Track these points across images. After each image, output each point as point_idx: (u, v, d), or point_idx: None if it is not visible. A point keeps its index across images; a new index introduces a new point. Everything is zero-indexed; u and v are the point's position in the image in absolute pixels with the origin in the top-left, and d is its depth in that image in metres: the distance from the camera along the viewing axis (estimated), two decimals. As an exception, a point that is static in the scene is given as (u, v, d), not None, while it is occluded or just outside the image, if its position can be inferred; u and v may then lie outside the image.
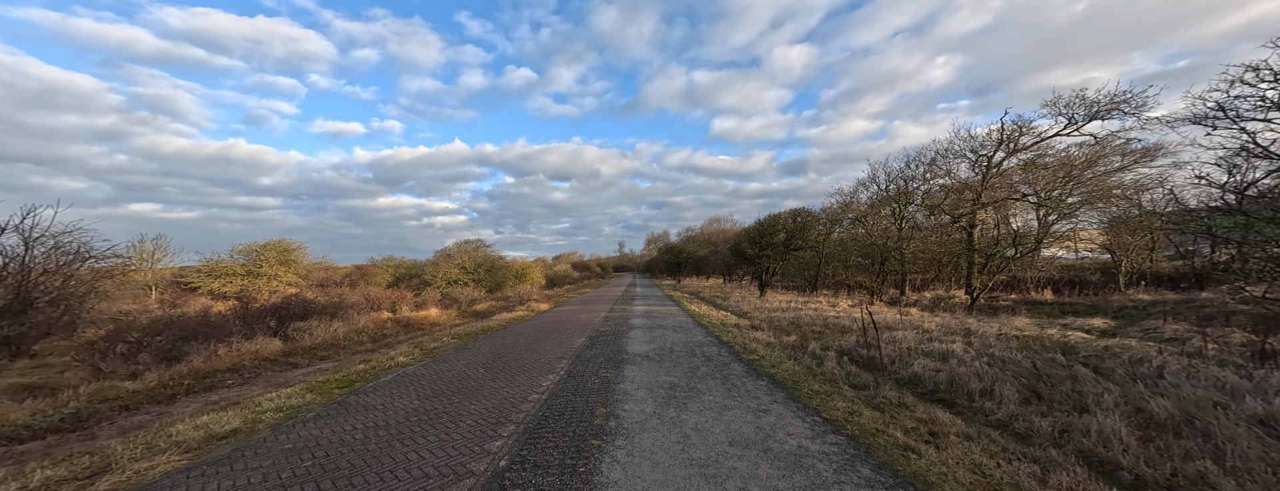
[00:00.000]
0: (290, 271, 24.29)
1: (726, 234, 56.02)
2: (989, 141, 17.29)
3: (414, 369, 7.49)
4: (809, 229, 21.87)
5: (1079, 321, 10.94)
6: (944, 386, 5.73)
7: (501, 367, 7.30)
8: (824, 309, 16.54)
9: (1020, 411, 4.76)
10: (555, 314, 16.98)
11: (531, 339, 10.47)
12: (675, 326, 12.11)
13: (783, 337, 10.01)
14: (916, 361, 6.84)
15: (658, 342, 9.43)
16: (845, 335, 10.07)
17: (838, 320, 12.82)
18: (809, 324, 12.37)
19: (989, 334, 9.44)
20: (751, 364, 7.09)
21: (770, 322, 12.88)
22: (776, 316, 14.46)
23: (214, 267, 21.73)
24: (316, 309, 14.20)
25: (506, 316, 16.82)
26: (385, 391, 6.09)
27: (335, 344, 12.22)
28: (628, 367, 7.04)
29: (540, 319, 15.32)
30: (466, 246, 30.91)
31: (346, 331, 13.39)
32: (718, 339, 9.83)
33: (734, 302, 21.09)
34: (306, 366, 9.84)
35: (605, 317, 14.79)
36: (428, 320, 17.87)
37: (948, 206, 17.54)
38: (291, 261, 24.46)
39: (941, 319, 12.25)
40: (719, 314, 16.03)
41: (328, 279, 27.72)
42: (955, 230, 17.89)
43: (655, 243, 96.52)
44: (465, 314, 21.55)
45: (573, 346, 9.22)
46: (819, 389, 5.53)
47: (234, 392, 7.74)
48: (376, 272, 28.91)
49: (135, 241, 27.67)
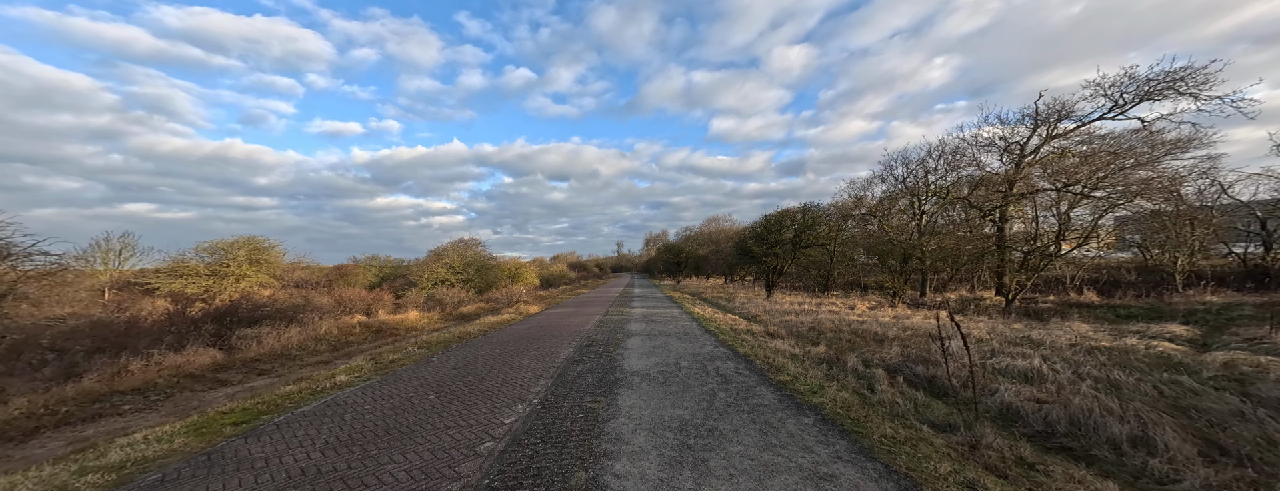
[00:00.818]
0: (262, 271, 22.56)
1: (727, 232, 54.45)
2: (1021, 127, 15.73)
3: (349, 393, 5.84)
4: (819, 225, 20.31)
5: (1151, 328, 9.36)
6: (1062, 427, 4.10)
7: (460, 392, 5.66)
8: (843, 312, 14.93)
9: (1214, 478, 3.14)
10: (544, 317, 15.34)
11: (510, 349, 8.82)
12: (679, 333, 10.48)
13: (808, 348, 8.39)
14: (1000, 385, 5.21)
15: (659, 355, 7.79)
16: (883, 346, 8.45)
17: (864, 325, 11.21)
18: (832, 330, 10.76)
19: (1060, 344, 7.83)
20: (784, 388, 5.46)
21: (788, 328, 11.26)
22: (792, 321, 12.84)
23: (176, 267, 20.00)
24: (270, 313, 12.52)
25: (491, 320, 15.18)
26: (290, 432, 4.44)
27: (285, 354, 10.55)
28: (622, 393, 5.41)
29: (527, 323, 13.68)
30: (457, 245, 29.24)
31: (304, 338, 11.72)
32: (732, 350, 8.20)
33: (740, 304, 19.47)
34: (237, 384, 8.18)
35: (599, 322, 13.16)
36: (404, 324, 16.21)
37: (975, 199, 15.98)
38: (263, 260, 22.73)
39: (986, 324, 10.65)
40: (726, 317, 14.41)
41: (306, 279, 25.99)
42: (984, 225, 16.35)
43: (654, 242, 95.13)
44: (449, 317, 19.88)
45: (557, 360, 7.59)
46: (893, 433, 3.90)
47: (120, 424, 6.09)
48: (358, 272, 27.21)
49: (100, 239, 25.96)
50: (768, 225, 21.15)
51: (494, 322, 14.34)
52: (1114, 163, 14.20)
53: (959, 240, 16.24)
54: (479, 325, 13.61)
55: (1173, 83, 13.10)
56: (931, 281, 19.49)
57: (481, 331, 12.03)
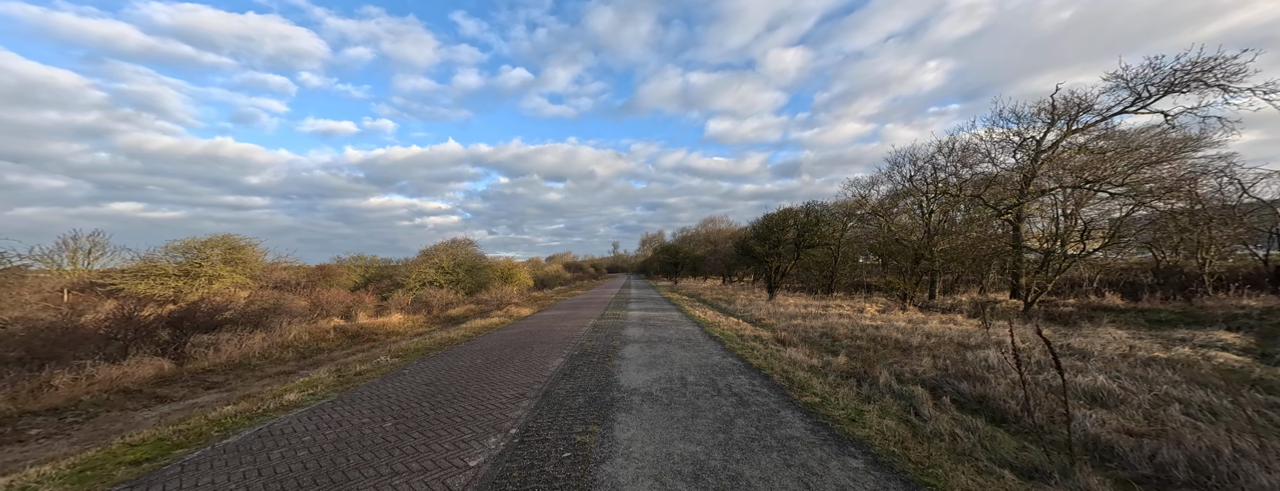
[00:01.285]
0: (238, 271, 21.40)
1: (724, 233, 53.68)
2: (1037, 120, 14.99)
3: (293, 418, 4.87)
4: (822, 224, 19.50)
5: (1198, 335, 8.57)
6: (1181, 472, 3.22)
7: (424, 418, 4.71)
8: (852, 315, 14.08)
9: None
10: (536, 321, 14.38)
11: (494, 359, 7.87)
12: (681, 340, 9.56)
13: (827, 358, 7.51)
14: (1076, 412, 4.35)
15: (661, 367, 6.87)
16: (910, 356, 7.58)
17: (881, 331, 10.35)
18: (848, 336, 9.89)
19: (1108, 354, 7.00)
20: (814, 413, 4.56)
21: (799, 335, 10.38)
22: (801, 325, 11.96)
23: (143, 267, 18.81)
24: (233, 317, 11.46)
25: (479, 324, 14.20)
26: (195, 478, 3.48)
27: (245, 364, 9.53)
28: (619, 420, 4.49)
29: (516, 327, 12.72)
30: (448, 245, 28.19)
31: (268, 345, 10.69)
32: (742, 360, 7.30)
33: (742, 307, 18.60)
34: (178, 401, 7.16)
35: (594, 327, 12.23)
36: (385, 329, 15.18)
37: (989, 197, 15.22)
38: (240, 260, 21.56)
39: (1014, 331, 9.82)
40: (730, 321, 13.52)
41: (288, 280, 24.82)
42: (998, 224, 15.61)
43: (650, 243, 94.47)
44: (435, 320, 18.86)
45: (544, 374, 6.65)
46: (969, 483, 3.01)
47: (12, 455, 5.08)
48: (342, 273, 26.07)
49: (67, 238, 24.67)
50: (769, 224, 20.33)
51: (481, 327, 13.37)
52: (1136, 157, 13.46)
53: (971, 240, 15.49)
54: (464, 330, 12.64)
55: (1201, 73, 12.41)
56: (939, 283, 18.73)
57: (465, 337, 11.06)
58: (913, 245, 14.68)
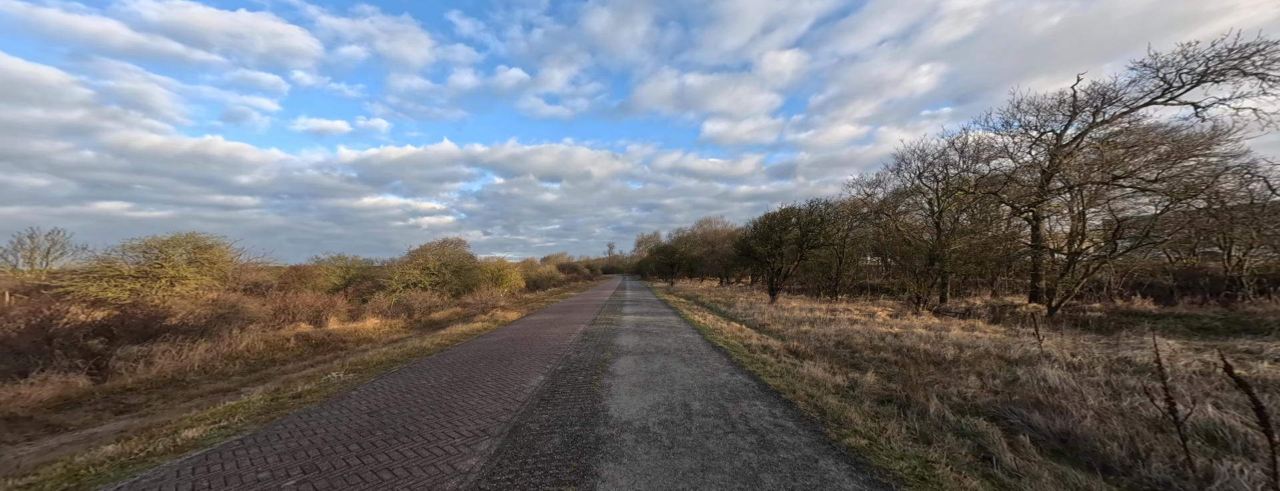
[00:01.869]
0: (204, 272, 19.99)
1: (721, 233, 52.72)
2: (1058, 113, 14.07)
3: (173, 469, 3.69)
4: (826, 223, 18.53)
5: (1265, 347, 7.60)
6: None
7: (341, 472, 3.54)
8: (864, 321, 13.04)
9: None
10: (522, 326, 13.21)
11: (463, 375, 6.70)
12: (681, 351, 8.44)
13: (852, 375, 6.42)
14: (1200, 458, 3.28)
15: (660, 389, 5.74)
16: (949, 373, 6.51)
17: (901, 340, 9.31)
18: (867, 347, 8.82)
19: (1179, 371, 5.97)
20: (864, 463, 3.45)
21: (813, 344, 9.29)
22: (812, 333, 10.89)
23: (95, 268, 17.37)
24: (175, 326, 10.20)
25: (460, 330, 13.01)
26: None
27: (178, 380, 8.28)
28: (606, 471, 3.35)
29: (499, 334, 11.54)
30: (437, 245, 26.89)
31: (213, 357, 9.43)
32: (755, 379, 6.19)
33: (743, 310, 17.53)
34: (74, 430, 5.92)
35: (584, 334, 11.09)
36: (356, 335, 13.94)
37: (1007, 195, 14.28)
38: (207, 261, 20.15)
39: (1055, 340, 8.81)
40: (732, 327, 12.42)
41: (263, 282, 23.41)
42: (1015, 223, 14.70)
43: (646, 244, 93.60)
44: (415, 325, 17.63)
45: (518, 398, 5.50)
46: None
47: None
48: (318, 274, 24.70)
49: (24, 236, 23.14)
50: (771, 223, 19.31)
51: (461, 334, 12.19)
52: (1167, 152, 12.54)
53: (986, 240, 14.53)
54: (441, 337, 11.44)
55: (1239, 60, 11.52)
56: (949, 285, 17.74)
57: (440, 346, 9.87)
58: (926, 245, 13.70)
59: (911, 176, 18.56)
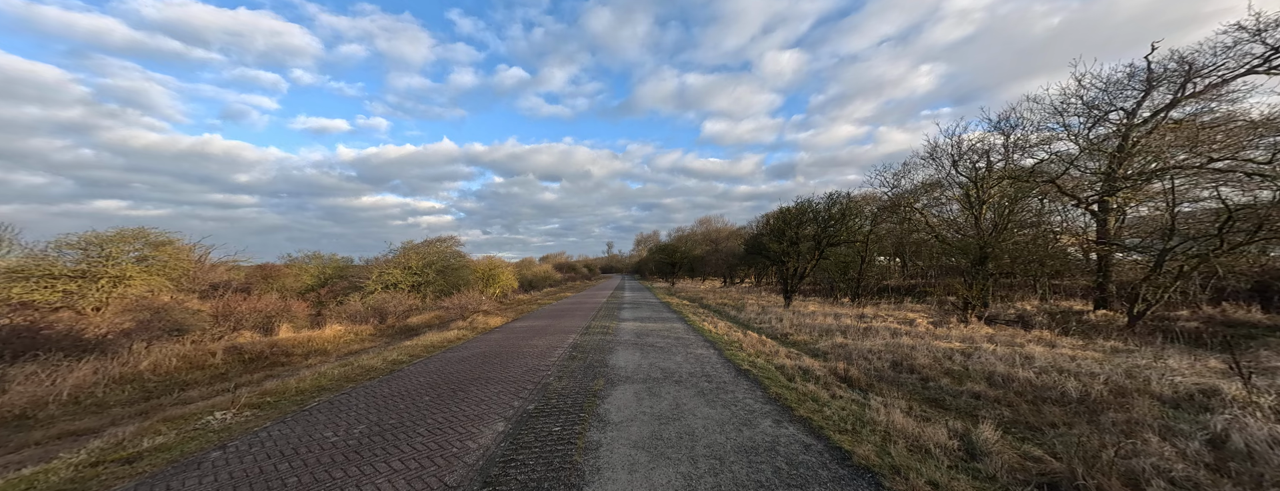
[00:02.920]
0: (155, 272, 17.94)
1: (724, 231, 50.74)
2: (1128, 87, 12.06)
3: None
4: (849, 218, 16.56)
5: None
6: None
7: None
8: (905, 330, 11.03)
9: None
10: (503, 336, 11.19)
11: (388, 425, 4.67)
12: (696, 377, 6.43)
13: (956, 425, 4.40)
14: None
15: (677, 455, 3.73)
16: (1098, 424, 4.49)
17: (972, 360, 7.30)
18: (939, 373, 6.81)
19: None
20: None
21: (858, 363, 7.26)
22: (850, 346, 8.86)
23: (21, 266, 15.31)
24: (53, 339, 8.16)
25: (429, 340, 11.02)
26: None
27: (26, 415, 6.25)
28: None
29: (471, 347, 9.53)
30: (414, 243, 24.84)
31: (99, 380, 7.39)
32: (816, 434, 4.18)
33: (756, 315, 15.52)
34: None
35: (573, 348, 9.07)
36: (307, 346, 11.90)
37: (1067, 184, 12.28)
38: (155, 257, 18.09)
39: (1165, 360, 6.79)
40: (750, 338, 10.41)
41: (228, 282, 21.34)
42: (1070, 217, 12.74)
43: (645, 243, 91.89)
44: (384, 332, 15.61)
45: (451, 474, 3.48)
46: None
47: None
48: (288, 274, 22.61)
49: (-38, 231, 21.00)
50: (786, 218, 17.33)
51: (429, 345, 10.19)
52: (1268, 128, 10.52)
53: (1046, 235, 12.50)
54: (402, 351, 9.43)
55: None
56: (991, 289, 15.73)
57: (392, 365, 7.85)
58: (974, 242, 11.71)
59: (947, 165, 16.55)
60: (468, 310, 15.74)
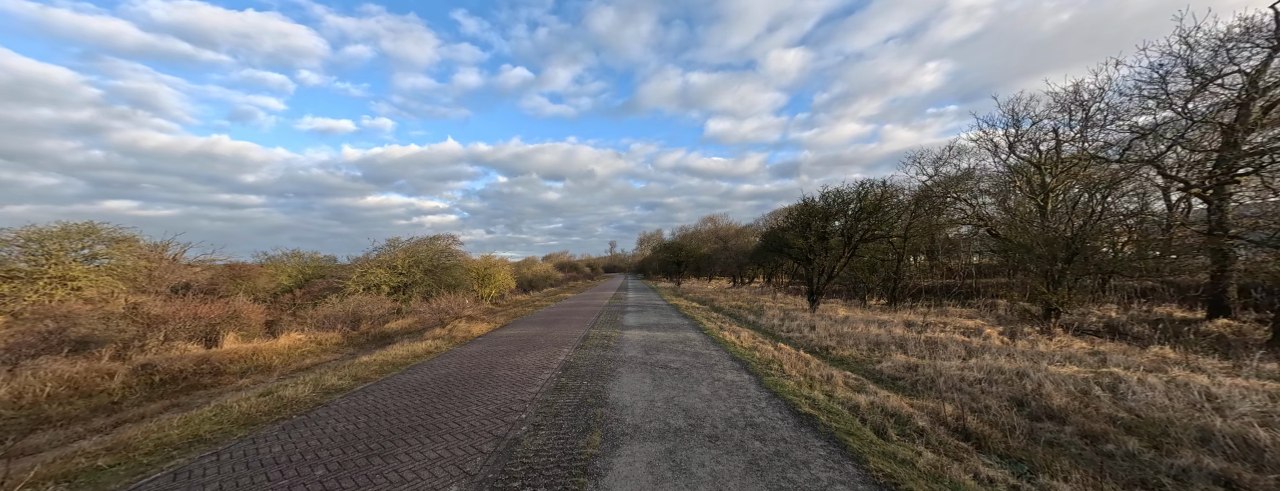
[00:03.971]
0: (107, 272, 16.06)
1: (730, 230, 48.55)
2: (1247, 43, 9.82)
3: None
4: (886, 209, 14.34)
5: None
6: None
7: None
8: (977, 342, 8.88)
9: None
10: (481, 350, 9.15)
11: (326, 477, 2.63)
12: (738, 431, 4.32)
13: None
14: None
15: None
16: None
17: (1132, 400, 5.16)
18: (1084, 414, 4.68)
19: None
20: None
21: (960, 401, 5.13)
22: (925, 369, 6.72)
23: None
24: None
25: (392, 355, 9.02)
26: None
27: None
28: None
29: (435, 368, 7.47)
30: (400, 240, 22.86)
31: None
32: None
33: (779, 321, 13.39)
34: None
35: (566, 367, 7.00)
36: (252, 362, 9.87)
37: (1178, 168, 10.02)
38: (108, 256, 16.20)
39: None
40: (785, 353, 8.28)
41: (193, 283, 19.44)
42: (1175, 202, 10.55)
43: (648, 242, 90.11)
44: (355, 340, 13.61)
45: None
46: None
47: None
48: (260, 274, 20.66)
49: (-94, 227, 19.21)
50: (812, 211, 15.19)
51: (389, 362, 8.18)
52: None
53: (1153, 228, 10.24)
54: (352, 371, 7.42)
55: None
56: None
57: (314, 401, 5.81)
58: (1063, 237, 9.52)
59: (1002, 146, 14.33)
60: (448, 316, 13.70)
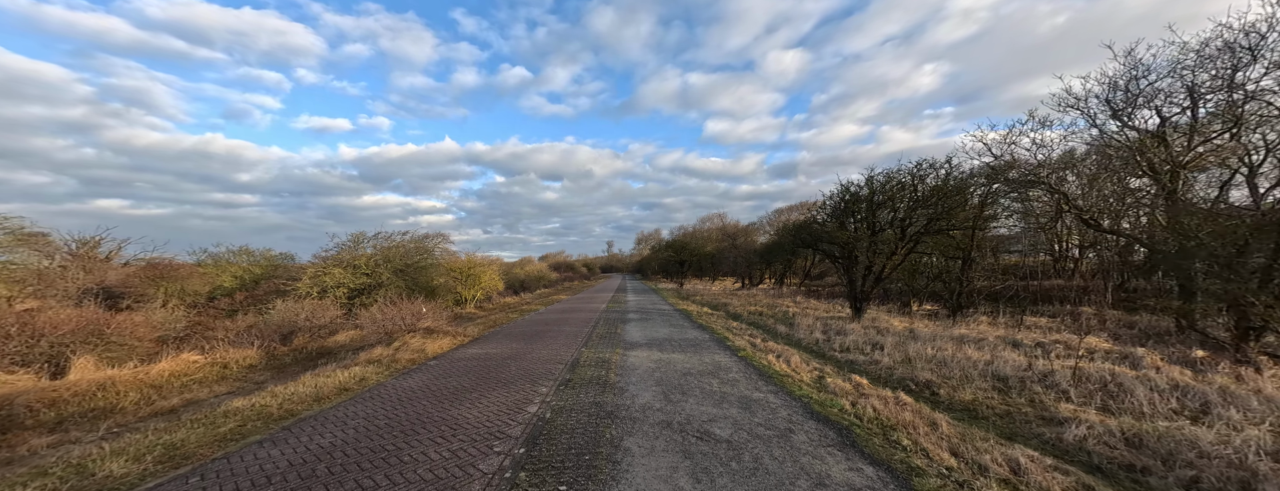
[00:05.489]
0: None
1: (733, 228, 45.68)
2: None
3: None
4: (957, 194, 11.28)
5: None
6: None
7: None
8: (1152, 377, 5.95)
9: None
10: (421, 385, 6.10)
11: None
12: None
13: None
14: None
15: None
16: None
17: None
18: None
19: None
20: None
21: None
22: (1140, 438, 3.79)
23: None
24: None
25: (293, 391, 6.07)
26: None
27: None
28: None
29: (333, 423, 4.39)
30: (364, 235, 19.73)
31: None
32: None
33: (821, 333, 10.45)
34: None
35: (537, 431, 3.95)
36: (96, 401, 6.79)
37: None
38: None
39: None
40: (882, 399, 5.29)
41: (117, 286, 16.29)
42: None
43: (646, 241, 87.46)
44: (278, 362, 10.55)
45: None
46: None
47: None
48: (193, 275, 17.31)
49: None
50: (857, 197, 12.16)
51: (264, 411, 5.17)
52: None
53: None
54: (192, 434, 4.39)
55: None
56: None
57: None
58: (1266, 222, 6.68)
59: (1100, 118, 11.41)
60: (398, 329, 10.63)
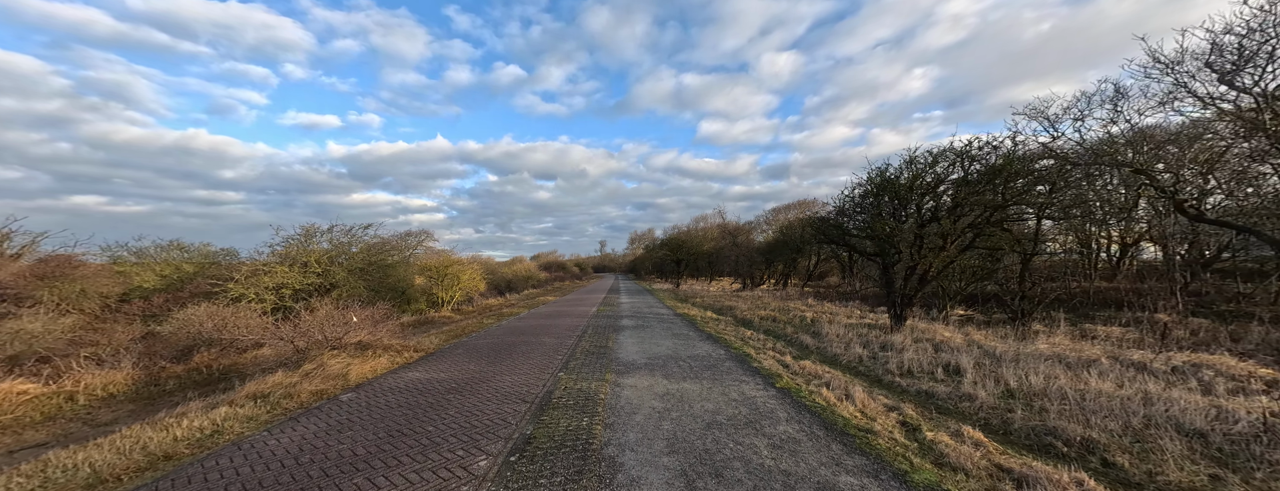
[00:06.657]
0: None
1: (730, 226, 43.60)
2: None
3: None
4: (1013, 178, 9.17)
5: None
6: None
7: None
8: None
9: None
10: (300, 442, 3.65)
11: None
12: None
13: None
14: None
15: None
16: None
17: None
18: None
19: None
20: None
21: None
22: None
23: None
24: None
25: (105, 454, 3.50)
26: None
27: None
28: None
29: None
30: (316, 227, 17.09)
31: None
32: None
33: (862, 348, 8.24)
34: None
35: None
36: None
37: None
38: None
39: None
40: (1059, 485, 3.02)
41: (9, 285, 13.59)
42: None
43: (639, 241, 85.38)
44: (159, 389, 8.06)
45: None
46: None
47: None
48: (102, 273, 14.65)
49: None
50: (895, 183, 10.03)
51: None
52: None
53: None
54: None
55: None
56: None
57: None
58: None
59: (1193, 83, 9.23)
60: (316, 344, 8.16)
